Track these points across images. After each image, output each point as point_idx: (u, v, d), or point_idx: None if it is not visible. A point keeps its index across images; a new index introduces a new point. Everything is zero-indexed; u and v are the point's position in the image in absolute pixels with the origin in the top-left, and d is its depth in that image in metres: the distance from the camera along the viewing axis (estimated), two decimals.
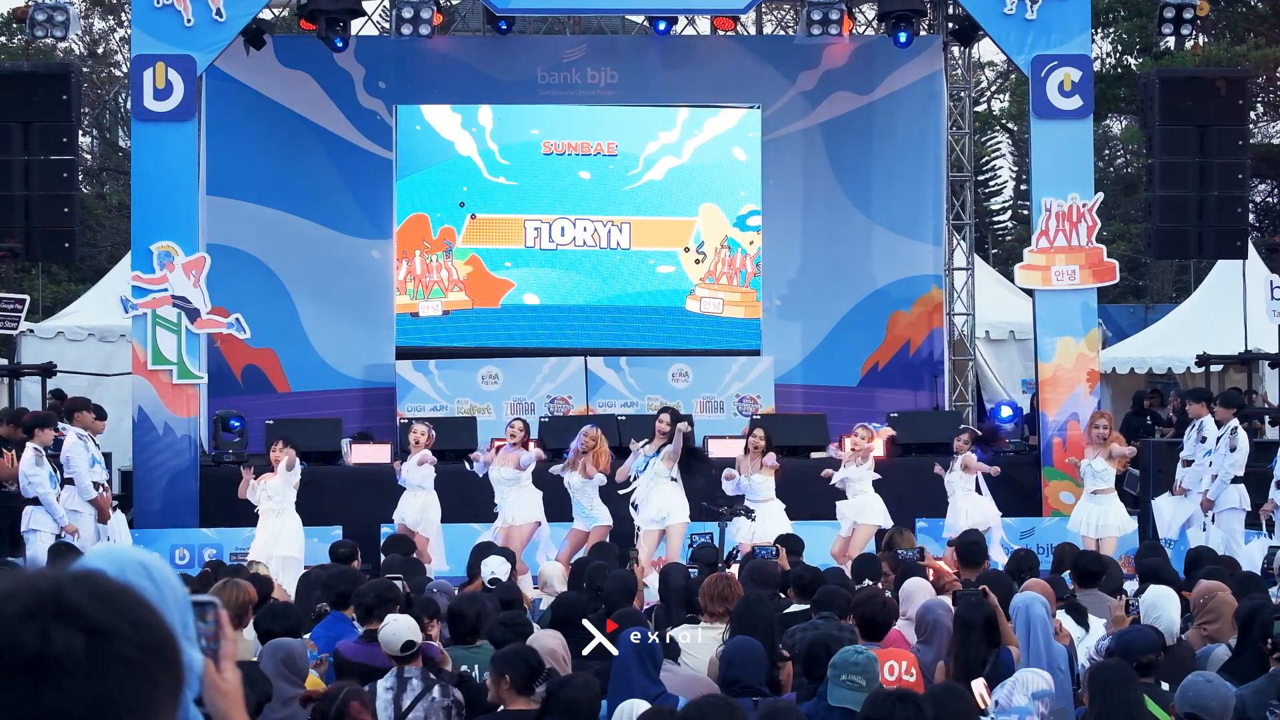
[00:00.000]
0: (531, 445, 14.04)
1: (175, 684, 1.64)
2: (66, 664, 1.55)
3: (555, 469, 13.91)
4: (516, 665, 6.19)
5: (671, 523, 13.34)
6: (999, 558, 12.35)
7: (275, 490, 13.11)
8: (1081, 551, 10.61)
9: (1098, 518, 13.76)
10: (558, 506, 13.85)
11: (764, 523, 13.15)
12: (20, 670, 1.54)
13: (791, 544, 11.53)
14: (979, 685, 6.40)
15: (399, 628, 6.80)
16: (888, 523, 13.44)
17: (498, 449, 14.20)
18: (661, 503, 13.36)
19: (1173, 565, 10.18)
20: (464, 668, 7.27)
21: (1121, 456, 14.12)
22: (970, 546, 10.35)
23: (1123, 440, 14.44)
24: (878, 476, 13.93)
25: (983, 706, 6.05)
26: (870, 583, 9.02)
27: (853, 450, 13.95)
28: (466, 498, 14.47)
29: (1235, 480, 13.90)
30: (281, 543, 13.07)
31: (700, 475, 13.97)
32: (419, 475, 13.81)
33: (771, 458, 13.70)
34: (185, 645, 1.87)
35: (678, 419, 13.57)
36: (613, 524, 13.50)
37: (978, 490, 14.26)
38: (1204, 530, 13.86)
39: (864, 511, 13.76)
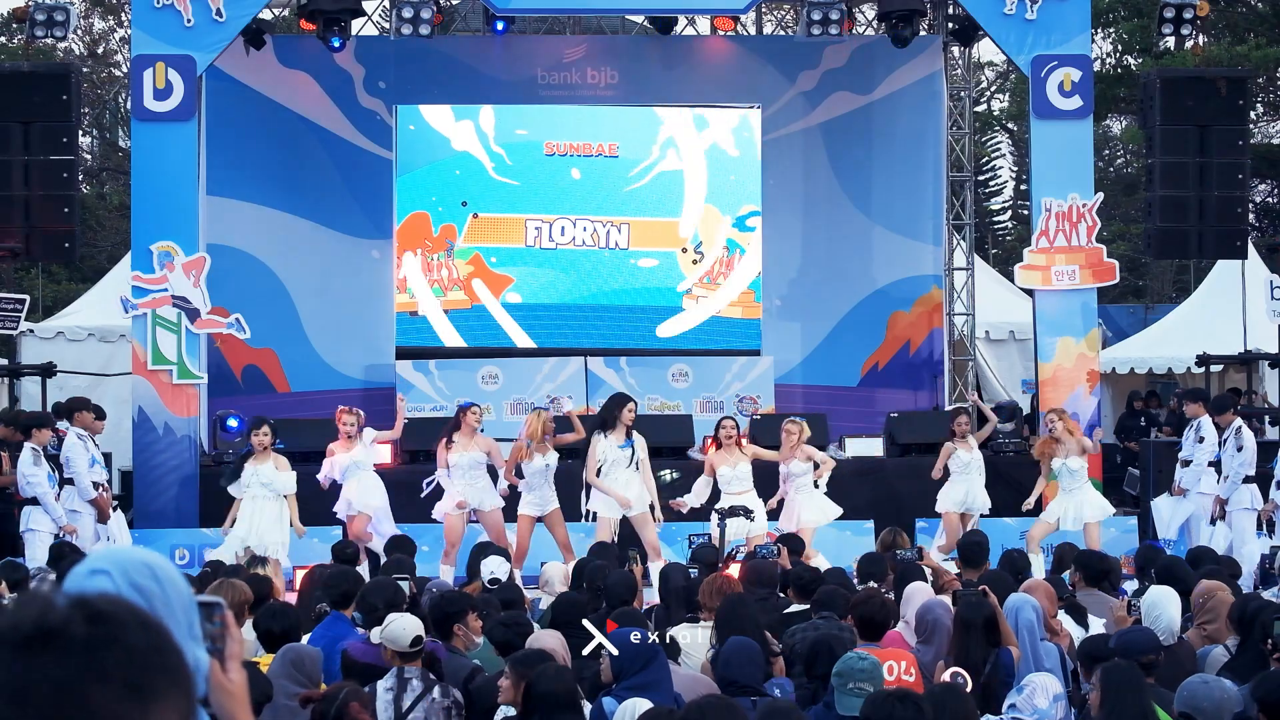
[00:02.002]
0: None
1: (176, 689, 1.63)
2: (64, 637, 1.57)
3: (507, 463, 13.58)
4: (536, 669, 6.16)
5: (637, 511, 13.30)
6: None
7: (279, 479, 13.13)
8: (1086, 550, 10.60)
9: (1074, 510, 13.76)
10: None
11: (759, 513, 13.22)
12: (19, 644, 1.56)
13: (792, 544, 11.54)
14: (948, 672, 6.45)
15: (406, 623, 6.80)
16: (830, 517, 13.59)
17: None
18: (626, 492, 13.33)
19: (1186, 565, 10.16)
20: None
21: (1094, 450, 14.34)
22: (972, 547, 10.35)
23: (1079, 427, 14.45)
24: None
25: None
26: (874, 584, 9.03)
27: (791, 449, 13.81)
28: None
29: (1246, 480, 13.91)
30: (279, 527, 13.06)
31: (698, 475, 13.95)
32: (368, 457, 13.68)
33: (746, 444, 13.76)
34: (190, 644, 1.87)
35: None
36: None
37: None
38: (1210, 527, 13.89)
39: (826, 511, 13.75)
